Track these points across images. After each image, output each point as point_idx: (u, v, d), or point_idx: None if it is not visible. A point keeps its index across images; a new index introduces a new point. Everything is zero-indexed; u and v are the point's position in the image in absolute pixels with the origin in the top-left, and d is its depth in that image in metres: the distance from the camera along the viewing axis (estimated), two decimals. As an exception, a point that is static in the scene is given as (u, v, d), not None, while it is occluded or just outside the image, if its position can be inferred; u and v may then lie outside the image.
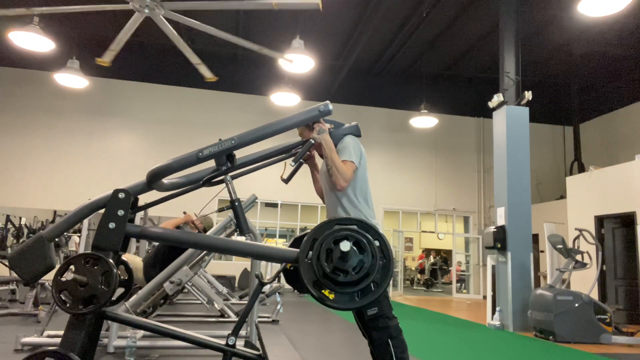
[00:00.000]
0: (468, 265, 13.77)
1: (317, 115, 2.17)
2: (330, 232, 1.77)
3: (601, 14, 6.25)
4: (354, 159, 2.37)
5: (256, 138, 2.05)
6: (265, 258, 2.00)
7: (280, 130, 2.09)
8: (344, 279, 1.72)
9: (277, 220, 12.66)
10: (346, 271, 1.72)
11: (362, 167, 2.45)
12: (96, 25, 7.11)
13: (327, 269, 1.72)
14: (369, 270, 1.73)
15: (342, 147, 2.41)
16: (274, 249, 1.96)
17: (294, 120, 2.12)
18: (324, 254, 1.74)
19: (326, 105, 2.16)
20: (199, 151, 2.01)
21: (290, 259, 1.85)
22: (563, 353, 5.02)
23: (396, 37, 10.60)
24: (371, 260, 1.74)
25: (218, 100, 12.47)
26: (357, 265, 1.73)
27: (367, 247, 1.75)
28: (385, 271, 1.76)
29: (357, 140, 2.48)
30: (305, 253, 1.78)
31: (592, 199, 8.46)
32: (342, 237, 1.75)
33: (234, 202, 2.10)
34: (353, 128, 2.51)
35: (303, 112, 2.15)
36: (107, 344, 3.77)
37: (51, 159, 11.47)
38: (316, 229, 1.81)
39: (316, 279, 1.74)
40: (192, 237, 2.08)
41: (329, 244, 1.75)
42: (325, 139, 2.35)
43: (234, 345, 2.07)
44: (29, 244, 2.01)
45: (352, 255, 1.72)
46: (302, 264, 1.77)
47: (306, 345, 4.59)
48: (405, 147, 13.24)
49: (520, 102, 7.23)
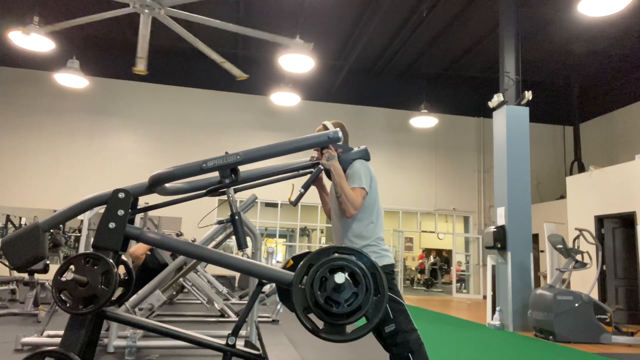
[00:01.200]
0: (468, 265, 13.77)
1: (325, 142, 2.16)
2: (327, 260, 1.76)
3: (601, 13, 6.25)
4: (364, 185, 2.36)
5: (262, 156, 2.04)
6: (260, 277, 2.00)
7: (286, 152, 2.09)
8: (336, 311, 1.71)
9: (277, 220, 12.66)
10: (338, 302, 1.71)
11: (373, 190, 2.44)
12: (96, 25, 7.16)
13: (320, 299, 1.71)
14: (361, 304, 1.72)
15: (351, 173, 2.39)
16: (270, 269, 1.95)
17: (302, 144, 2.11)
18: (318, 282, 1.73)
19: (336, 132, 2.16)
20: (204, 162, 2.01)
21: (285, 282, 1.85)
22: (563, 353, 5.02)
23: (396, 37, 10.60)
24: (365, 294, 1.72)
25: (218, 100, 12.47)
26: (350, 298, 1.72)
27: (362, 280, 1.73)
28: (377, 307, 1.75)
29: (367, 165, 2.46)
30: (300, 278, 1.77)
31: (592, 198, 8.45)
32: (338, 267, 1.73)
33: (235, 215, 2.10)
34: (362, 152, 2.49)
35: (312, 137, 2.15)
36: (107, 343, 3.77)
37: (51, 159, 11.47)
38: (314, 255, 1.80)
39: (307, 306, 1.73)
40: (189, 247, 2.08)
41: (324, 272, 1.73)
42: (335, 166, 2.33)
43: (234, 345, 2.06)
44: (24, 231, 2.01)
45: (346, 287, 1.70)
46: (295, 289, 1.76)
47: (306, 345, 4.59)
48: (405, 147, 13.24)
49: (520, 102, 7.23)
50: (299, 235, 13.81)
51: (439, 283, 16.42)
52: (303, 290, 1.75)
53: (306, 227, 15.66)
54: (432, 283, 16.10)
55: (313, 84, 12.23)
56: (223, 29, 6.01)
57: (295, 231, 14.01)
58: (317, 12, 9.67)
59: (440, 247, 18.32)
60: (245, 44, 11.25)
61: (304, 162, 2.42)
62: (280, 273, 1.89)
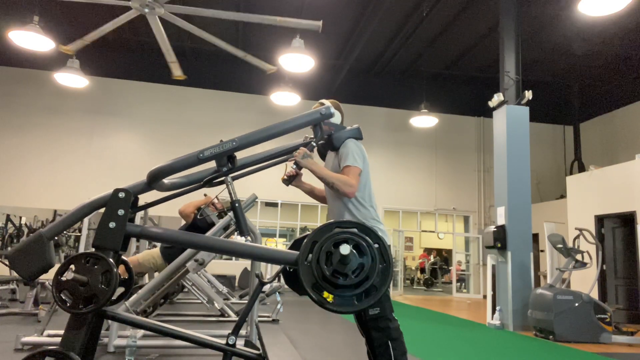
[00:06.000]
0: (468, 265, 13.78)
1: (318, 118, 2.17)
2: (330, 235, 1.77)
3: (601, 13, 6.24)
4: (358, 164, 2.36)
5: (257, 140, 2.04)
6: (264, 260, 2.00)
7: (281, 133, 2.09)
8: (344, 282, 1.72)
9: (277, 219, 12.66)
10: (345, 274, 1.72)
11: (365, 170, 2.43)
12: (96, 25, 7.15)
13: (327, 272, 1.72)
14: (368, 274, 1.73)
15: (344, 152, 2.39)
16: (274, 250, 1.96)
17: (296, 123, 2.12)
18: (324, 256, 1.74)
19: (327, 108, 2.16)
20: (200, 152, 2.01)
21: (289, 261, 1.85)
22: (563, 352, 5.02)
23: (396, 37, 10.60)
24: (371, 264, 1.74)
25: (218, 99, 12.47)
26: (357, 269, 1.73)
27: (367, 250, 1.75)
28: (384, 274, 1.76)
29: (359, 144, 2.46)
30: (305, 256, 1.78)
31: (592, 198, 8.46)
32: (342, 240, 1.75)
33: (235, 203, 2.10)
34: (354, 131, 2.49)
35: (305, 115, 2.15)
36: (108, 343, 3.77)
37: (51, 159, 11.47)
38: (316, 232, 1.81)
39: (315, 282, 1.74)
40: (191, 237, 2.07)
41: (328, 246, 1.75)
42: (308, 164, 2.33)
43: (234, 344, 2.07)
44: (28, 242, 2.01)
45: (351, 258, 1.71)
46: (302, 266, 1.77)
47: (306, 345, 4.60)
48: (406, 147, 13.24)
49: (521, 102, 7.23)
50: (299, 234, 13.78)
51: (439, 283, 16.43)
52: (309, 266, 1.75)
53: (306, 227, 15.66)
54: (432, 283, 16.11)
55: (313, 83, 12.24)
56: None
57: (295, 231, 14.02)
58: (317, 11, 9.67)
59: (440, 246, 18.33)
60: (246, 43, 11.24)
61: (298, 143, 2.42)
62: (285, 253, 1.89)
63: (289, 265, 1.88)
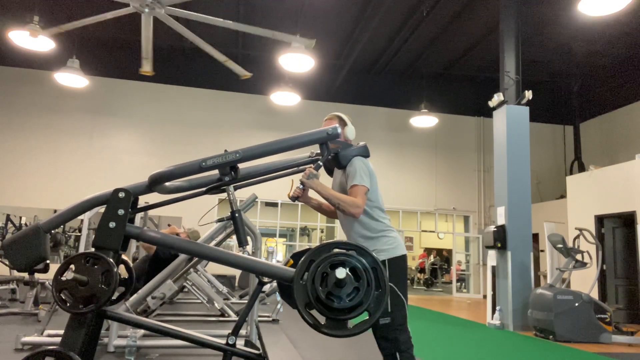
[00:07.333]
0: (468, 265, 13.77)
1: (324, 138, 2.16)
2: (328, 256, 1.76)
3: (601, 13, 6.24)
4: (365, 182, 2.35)
5: (261, 154, 2.04)
6: (261, 274, 1.99)
7: (286, 149, 2.08)
8: (337, 306, 1.71)
9: (277, 219, 12.66)
10: (340, 297, 1.71)
11: (373, 187, 2.43)
12: (96, 25, 7.17)
13: (321, 294, 1.71)
14: (362, 299, 1.72)
15: (352, 171, 2.37)
16: (270, 266, 1.94)
17: (301, 140, 2.12)
18: (319, 277, 1.73)
19: (335, 128, 2.16)
20: (203, 160, 2.00)
21: (285, 278, 1.85)
22: (563, 352, 5.02)
23: (396, 36, 10.59)
24: (366, 289, 1.73)
25: (218, 99, 12.47)
26: (352, 293, 1.72)
27: (364, 274, 1.73)
28: (379, 301, 1.75)
29: (366, 162, 2.44)
30: (301, 274, 1.77)
31: (592, 198, 8.45)
32: (339, 263, 1.73)
33: (235, 213, 2.10)
34: (361, 149, 2.47)
35: (311, 133, 2.15)
36: (108, 343, 3.77)
37: (51, 159, 11.47)
38: (314, 251, 1.80)
39: (309, 302, 1.74)
40: (190, 245, 2.06)
41: (325, 267, 1.74)
42: (314, 185, 2.31)
43: (234, 344, 2.07)
44: (25, 233, 2.01)
45: (347, 282, 1.70)
46: (297, 284, 1.76)
47: (306, 345, 4.59)
48: (406, 147, 13.24)
49: (521, 102, 7.22)
50: (299, 234, 13.81)
51: (439, 282, 16.42)
52: (304, 286, 1.75)
53: (306, 227, 15.66)
54: (432, 282, 16.11)
55: (313, 83, 12.23)
56: (223, 26, 6.01)
57: (295, 230, 14.02)
58: (317, 11, 9.67)
59: (440, 246, 18.33)
60: (246, 43, 11.24)
61: (303, 157, 2.40)
62: (281, 269, 1.89)
63: (284, 282, 1.88)
